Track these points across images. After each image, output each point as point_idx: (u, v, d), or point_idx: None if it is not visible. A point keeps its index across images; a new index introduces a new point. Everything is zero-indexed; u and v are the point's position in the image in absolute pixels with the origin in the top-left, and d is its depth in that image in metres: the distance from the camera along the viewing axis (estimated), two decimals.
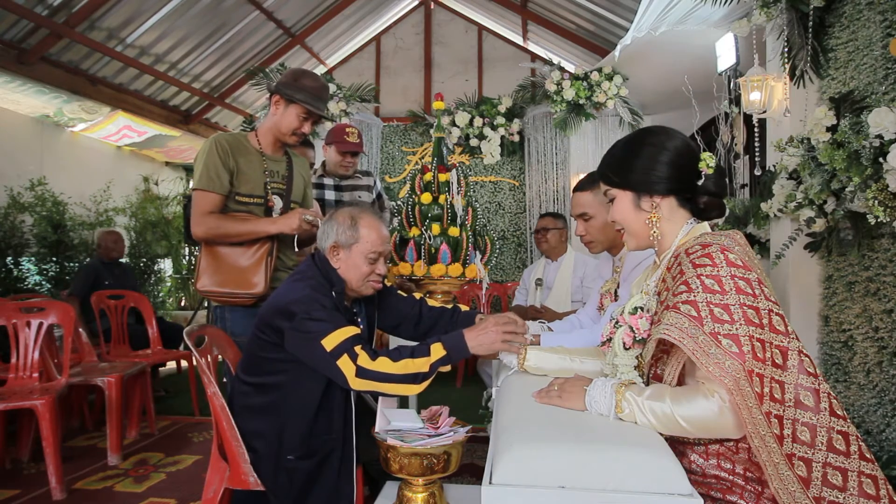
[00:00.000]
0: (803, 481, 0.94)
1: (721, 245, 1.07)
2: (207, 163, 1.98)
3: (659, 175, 1.18)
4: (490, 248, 2.73)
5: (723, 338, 0.96)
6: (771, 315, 1.00)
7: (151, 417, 3.29)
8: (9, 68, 4.40)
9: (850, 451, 0.96)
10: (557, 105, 4.78)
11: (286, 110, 2.05)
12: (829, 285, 2.33)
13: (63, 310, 2.72)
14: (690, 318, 0.99)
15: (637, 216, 1.22)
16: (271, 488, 1.58)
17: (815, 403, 0.97)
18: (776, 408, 0.96)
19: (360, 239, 1.63)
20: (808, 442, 0.96)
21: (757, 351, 0.97)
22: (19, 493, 2.41)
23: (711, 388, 0.99)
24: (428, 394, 3.89)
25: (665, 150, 1.18)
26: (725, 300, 0.99)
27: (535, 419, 1.09)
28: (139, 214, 6.47)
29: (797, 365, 0.98)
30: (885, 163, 1.74)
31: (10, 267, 4.58)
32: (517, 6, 5.88)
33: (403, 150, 5.73)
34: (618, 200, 1.24)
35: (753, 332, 0.97)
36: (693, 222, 1.20)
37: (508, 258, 5.50)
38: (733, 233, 1.14)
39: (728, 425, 0.98)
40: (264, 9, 5.61)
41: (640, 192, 1.20)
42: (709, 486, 1.03)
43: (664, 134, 1.21)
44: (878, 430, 2.02)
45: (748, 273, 1.03)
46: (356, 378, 1.42)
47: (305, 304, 1.51)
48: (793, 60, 2.48)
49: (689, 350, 0.97)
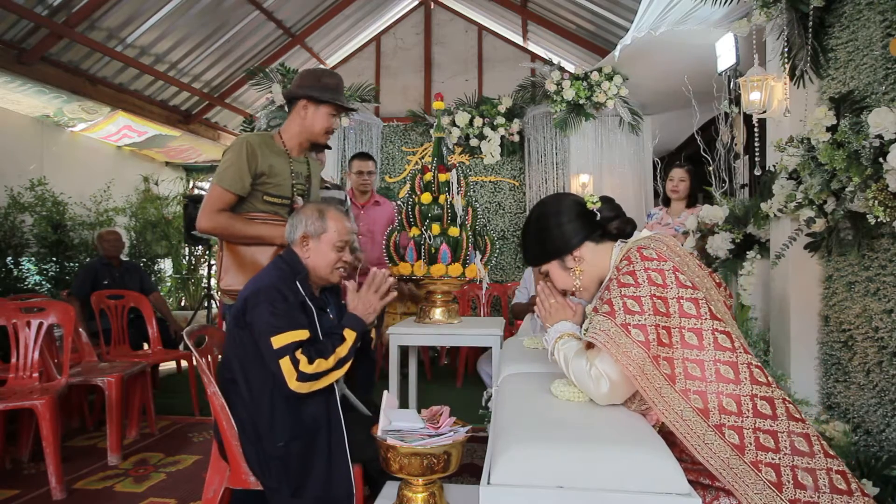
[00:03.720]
0: (737, 448, 1.01)
1: (638, 245, 1.22)
2: (235, 162, 2.00)
3: (565, 236, 1.33)
4: (490, 248, 2.73)
5: (632, 328, 1.08)
6: (681, 302, 1.11)
7: (151, 417, 3.29)
8: (9, 68, 4.41)
9: (776, 413, 1.04)
10: (557, 105, 4.78)
11: (316, 112, 2.12)
12: (829, 285, 2.33)
13: (63, 310, 2.72)
14: (605, 314, 1.13)
15: (569, 277, 1.36)
16: (266, 482, 1.59)
17: (735, 375, 1.06)
18: (695, 384, 1.06)
19: (327, 229, 1.77)
20: (734, 411, 1.03)
21: (662, 338, 1.08)
22: (19, 493, 2.41)
23: (590, 356, 1.16)
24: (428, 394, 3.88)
25: (553, 216, 1.35)
26: (638, 292, 1.12)
27: (535, 419, 1.10)
28: (139, 214, 6.47)
29: (712, 343, 1.08)
30: (885, 163, 1.74)
31: (10, 267, 4.58)
32: (517, 6, 5.89)
33: (403, 150, 5.73)
34: (551, 273, 1.39)
35: (660, 321, 1.09)
36: (621, 243, 1.33)
37: (508, 258, 5.50)
38: (661, 235, 1.29)
39: (589, 386, 1.15)
40: (264, 9, 5.61)
41: (562, 257, 1.35)
42: (698, 473, 1.07)
43: (545, 204, 1.40)
44: (878, 430, 2.02)
45: (662, 264, 1.15)
46: (297, 381, 1.56)
47: (267, 294, 1.63)
48: (793, 60, 2.48)
49: (600, 343, 1.11)
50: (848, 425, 2.12)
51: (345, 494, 1.58)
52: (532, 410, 1.15)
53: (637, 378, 1.06)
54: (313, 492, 1.57)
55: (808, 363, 2.40)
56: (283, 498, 1.58)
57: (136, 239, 6.39)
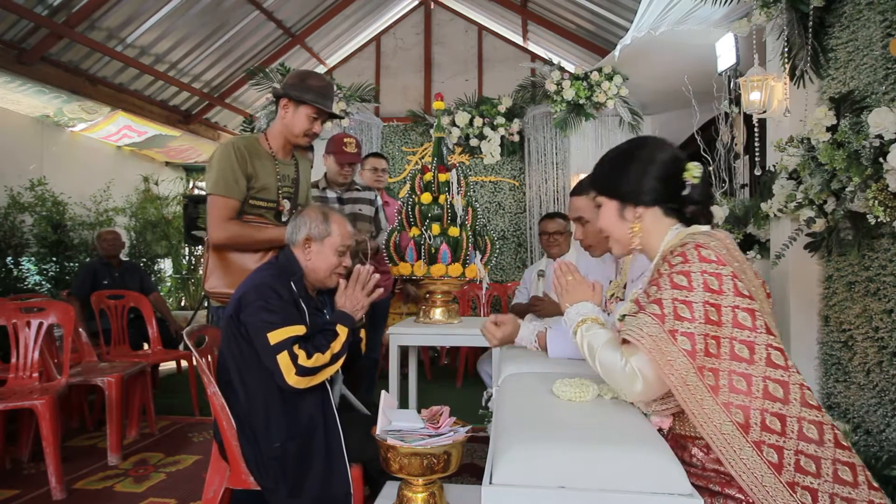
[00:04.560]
0: (774, 467, 0.97)
1: (696, 242, 1.11)
2: (225, 168, 1.98)
3: (644, 187, 1.22)
4: (490, 248, 2.73)
5: (680, 335, 1.02)
6: (736, 311, 1.04)
7: (151, 417, 3.29)
8: (9, 68, 4.40)
9: (823, 439, 0.99)
10: (557, 105, 4.78)
11: (296, 112, 2.07)
12: (829, 285, 2.33)
13: (63, 310, 2.72)
14: (653, 315, 1.06)
15: (620, 225, 1.26)
16: (264, 483, 1.59)
17: (785, 394, 1.01)
18: (739, 398, 1.01)
19: (331, 233, 1.77)
20: (777, 430, 0.99)
21: (710, 347, 1.02)
22: (19, 493, 2.41)
23: (626, 351, 1.09)
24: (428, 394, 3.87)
25: (652, 163, 1.22)
26: (690, 297, 1.05)
27: (535, 419, 1.10)
28: (139, 214, 6.47)
29: (765, 358, 1.03)
30: (885, 163, 1.74)
31: (10, 267, 4.58)
32: (517, 6, 5.88)
33: (403, 150, 5.73)
34: (604, 208, 1.29)
35: (710, 330, 1.03)
36: (679, 227, 1.23)
37: (508, 258, 5.50)
38: (717, 231, 1.17)
39: (619, 384, 1.10)
40: (264, 9, 5.61)
41: (625, 203, 1.25)
42: (708, 480, 1.04)
43: (652, 146, 1.25)
44: (878, 429, 2.02)
45: (721, 268, 1.07)
46: (295, 376, 1.56)
47: (261, 292, 1.63)
48: (793, 60, 2.48)
49: (647, 349, 1.04)
50: (848, 425, 2.12)
51: (342, 494, 1.59)
52: (533, 410, 1.15)
53: (678, 389, 1.01)
54: (311, 492, 1.57)
55: (808, 363, 2.41)
56: (281, 498, 1.58)
57: (136, 239, 6.38)
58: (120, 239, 4.40)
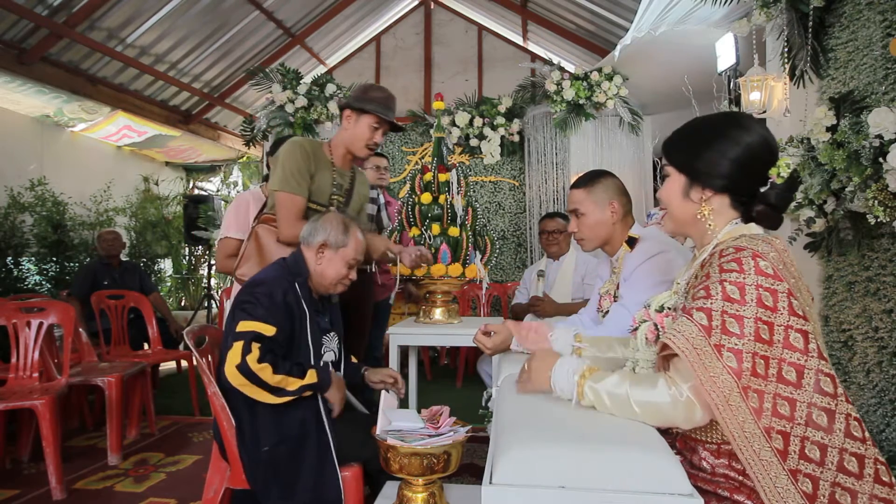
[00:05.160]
0: (808, 497, 0.93)
1: (755, 251, 1.02)
2: (293, 166, 1.99)
3: (721, 171, 1.09)
4: (490, 248, 2.73)
5: (726, 351, 0.96)
6: (788, 332, 0.97)
7: (151, 417, 3.29)
8: (9, 68, 4.41)
9: (863, 473, 0.95)
10: (557, 105, 4.78)
11: (358, 122, 2.10)
12: (829, 285, 2.33)
13: (63, 310, 2.72)
14: (700, 326, 0.98)
15: (682, 203, 1.16)
16: (255, 486, 1.59)
17: (829, 423, 0.96)
18: (781, 423, 0.95)
19: (348, 245, 1.78)
20: (816, 460, 0.95)
21: (758, 368, 0.96)
22: (19, 493, 2.41)
23: (674, 379, 1.00)
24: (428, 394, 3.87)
25: (738, 147, 1.09)
26: (742, 311, 0.97)
27: (535, 419, 1.09)
28: (139, 214, 6.48)
29: (813, 384, 0.97)
30: (885, 163, 1.75)
31: (10, 267, 4.58)
32: (517, 6, 5.89)
33: (403, 150, 5.73)
34: (670, 180, 1.18)
35: (759, 348, 0.96)
36: (738, 222, 1.13)
37: (508, 258, 5.50)
38: (774, 238, 1.08)
39: (678, 417, 1.00)
40: (264, 9, 5.61)
41: (693, 182, 1.13)
42: (717, 485, 1.02)
43: (744, 127, 1.10)
44: (878, 429, 2.02)
45: (777, 284, 0.99)
46: (234, 368, 1.52)
47: (256, 287, 1.64)
48: (793, 60, 2.49)
49: (689, 361, 0.97)
50: None
51: (334, 498, 1.58)
52: (533, 410, 1.15)
53: (720, 408, 0.94)
54: (302, 497, 1.57)
55: None
56: (274, 501, 1.58)
57: (136, 239, 6.39)
58: (120, 239, 4.40)
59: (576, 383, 1.09)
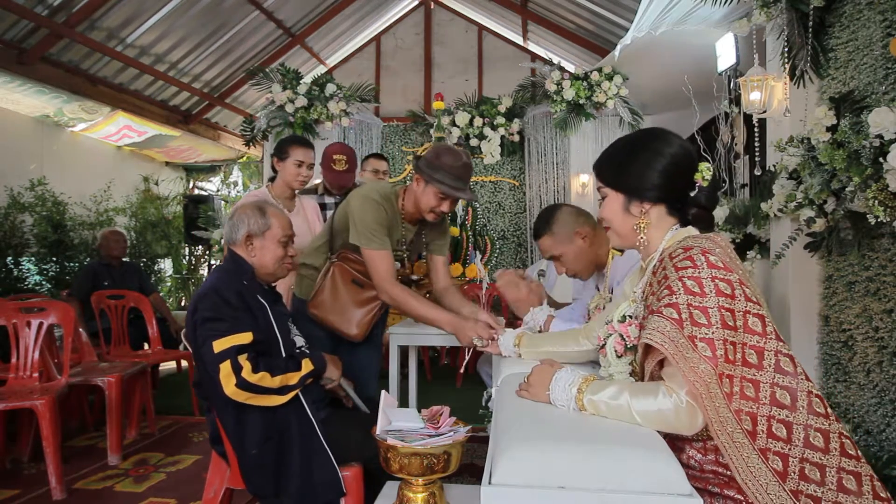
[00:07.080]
0: (779, 475, 0.97)
1: (702, 248, 1.09)
2: (376, 223, 1.95)
3: (652, 183, 1.18)
4: (490, 248, 2.74)
5: (699, 341, 1.00)
6: (747, 317, 1.03)
7: (151, 417, 3.29)
8: (9, 68, 4.40)
9: (828, 447, 0.99)
10: (557, 105, 4.78)
11: (425, 189, 1.98)
12: (829, 285, 2.33)
13: (63, 310, 2.72)
14: (672, 321, 1.03)
15: (625, 219, 1.23)
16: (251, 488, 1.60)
17: (792, 401, 1.01)
18: (748, 405, 1.00)
19: (271, 225, 1.75)
20: (784, 438, 0.99)
21: (729, 353, 1.00)
22: (19, 493, 2.41)
23: (672, 387, 1.03)
24: (428, 394, 3.88)
25: (662, 158, 1.17)
26: (705, 302, 1.02)
27: (535, 419, 1.09)
28: (139, 214, 6.47)
29: (773, 364, 1.02)
30: (885, 163, 1.74)
31: (10, 267, 4.58)
32: (517, 6, 5.89)
33: (403, 150, 5.73)
34: (609, 199, 1.25)
35: (728, 335, 1.01)
36: (677, 227, 1.21)
37: (508, 258, 5.49)
38: (714, 235, 1.16)
39: (682, 424, 1.02)
40: (264, 9, 5.61)
41: (632, 197, 1.21)
42: (706, 481, 1.04)
43: (664, 140, 1.20)
44: (878, 429, 2.02)
45: (729, 274, 1.05)
46: (234, 387, 1.50)
47: (209, 300, 1.59)
48: (793, 60, 2.48)
49: (669, 354, 1.01)
50: (848, 425, 2.12)
51: (329, 480, 1.57)
52: (533, 410, 1.15)
53: (703, 397, 0.98)
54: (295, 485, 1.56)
55: (809, 363, 2.40)
56: (269, 500, 1.58)
57: (136, 239, 6.38)
58: (124, 240, 4.40)
59: (574, 398, 1.11)
